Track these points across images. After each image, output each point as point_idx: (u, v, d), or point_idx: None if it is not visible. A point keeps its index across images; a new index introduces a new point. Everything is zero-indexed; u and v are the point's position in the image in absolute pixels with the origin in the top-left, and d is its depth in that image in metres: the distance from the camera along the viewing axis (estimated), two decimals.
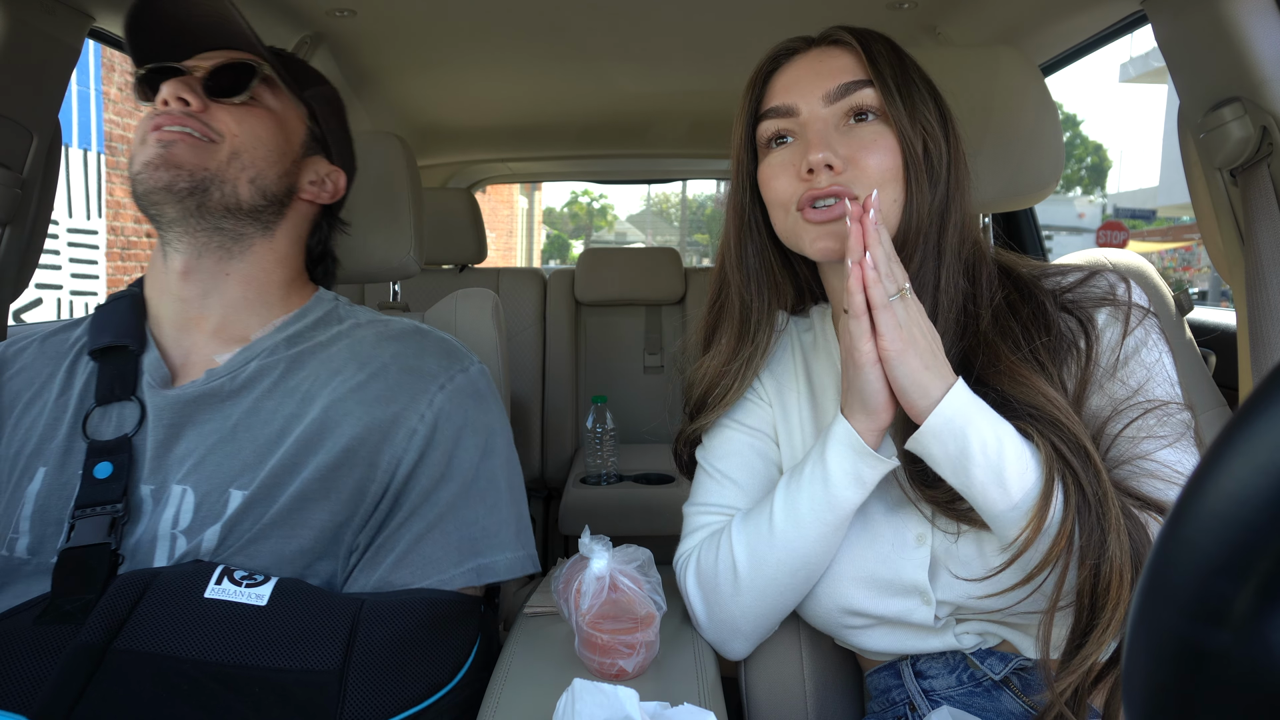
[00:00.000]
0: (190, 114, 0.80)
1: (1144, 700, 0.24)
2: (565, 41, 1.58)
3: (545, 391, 2.47)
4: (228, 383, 0.81)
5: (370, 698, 0.69)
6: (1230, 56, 0.89)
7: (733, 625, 0.82)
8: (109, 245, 5.23)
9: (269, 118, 0.86)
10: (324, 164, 0.93)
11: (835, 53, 0.80)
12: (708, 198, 34.93)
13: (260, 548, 0.75)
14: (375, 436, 0.79)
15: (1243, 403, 0.24)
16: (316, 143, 0.92)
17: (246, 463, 0.77)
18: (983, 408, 0.68)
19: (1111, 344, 0.76)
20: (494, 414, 0.87)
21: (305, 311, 0.89)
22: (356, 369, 0.83)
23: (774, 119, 0.80)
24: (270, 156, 0.85)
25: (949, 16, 1.40)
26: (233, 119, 0.82)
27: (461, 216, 2.35)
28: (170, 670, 0.65)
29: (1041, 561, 0.66)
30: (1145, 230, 20.68)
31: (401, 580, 0.78)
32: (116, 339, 0.83)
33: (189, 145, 0.79)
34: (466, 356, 0.88)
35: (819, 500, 0.74)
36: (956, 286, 0.76)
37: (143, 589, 0.69)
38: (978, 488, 0.67)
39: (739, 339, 0.87)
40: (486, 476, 0.84)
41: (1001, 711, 0.74)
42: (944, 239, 0.76)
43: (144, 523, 0.76)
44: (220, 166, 0.80)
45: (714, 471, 0.89)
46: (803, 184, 0.77)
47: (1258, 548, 0.22)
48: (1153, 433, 0.72)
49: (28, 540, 0.76)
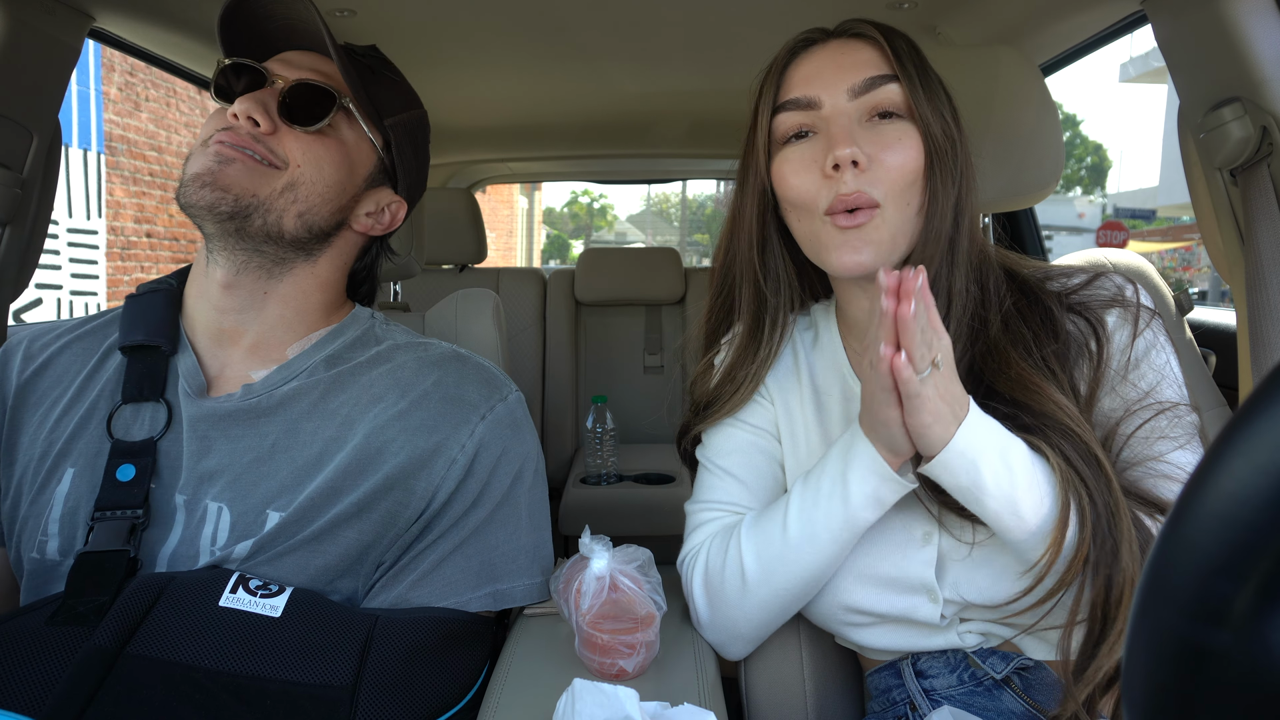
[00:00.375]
0: (257, 136, 0.77)
1: (1144, 700, 0.24)
2: (565, 41, 1.58)
3: (545, 391, 2.47)
4: (265, 400, 0.80)
5: (381, 715, 0.69)
6: (1230, 56, 0.89)
7: (734, 628, 0.82)
8: (109, 245, 5.23)
9: (338, 149, 0.82)
10: (387, 194, 0.89)
11: (858, 45, 0.77)
12: (708, 198, 34.92)
13: (287, 560, 0.75)
14: (416, 465, 0.78)
15: (1243, 403, 0.24)
16: (384, 174, 0.89)
17: (284, 484, 0.77)
18: (994, 438, 0.66)
19: (1122, 346, 0.75)
20: (529, 442, 0.87)
21: (342, 329, 0.87)
22: (399, 396, 0.81)
23: (794, 111, 0.77)
24: (328, 192, 0.82)
25: (949, 16, 1.40)
26: (300, 147, 0.79)
27: (461, 216, 2.35)
28: (181, 678, 0.65)
29: (1058, 583, 0.65)
30: (1145, 230, 20.68)
31: (419, 599, 0.78)
32: (149, 338, 0.82)
33: (244, 167, 0.76)
34: (506, 385, 0.87)
35: (836, 518, 0.74)
36: (968, 292, 0.75)
37: (158, 593, 0.69)
38: (992, 517, 0.67)
39: (752, 338, 0.86)
40: (511, 504, 0.84)
41: (1002, 711, 0.74)
42: (958, 242, 0.75)
43: (178, 533, 0.76)
44: (271, 195, 0.78)
45: (716, 469, 0.88)
46: (827, 181, 0.74)
47: (1258, 548, 0.22)
48: (1165, 434, 0.72)
49: (58, 542, 0.76)
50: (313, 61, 0.83)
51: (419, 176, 0.94)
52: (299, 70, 0.81)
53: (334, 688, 0.68)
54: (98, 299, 5.09)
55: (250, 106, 0.76)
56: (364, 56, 0.88)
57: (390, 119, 0.87)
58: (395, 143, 0.88)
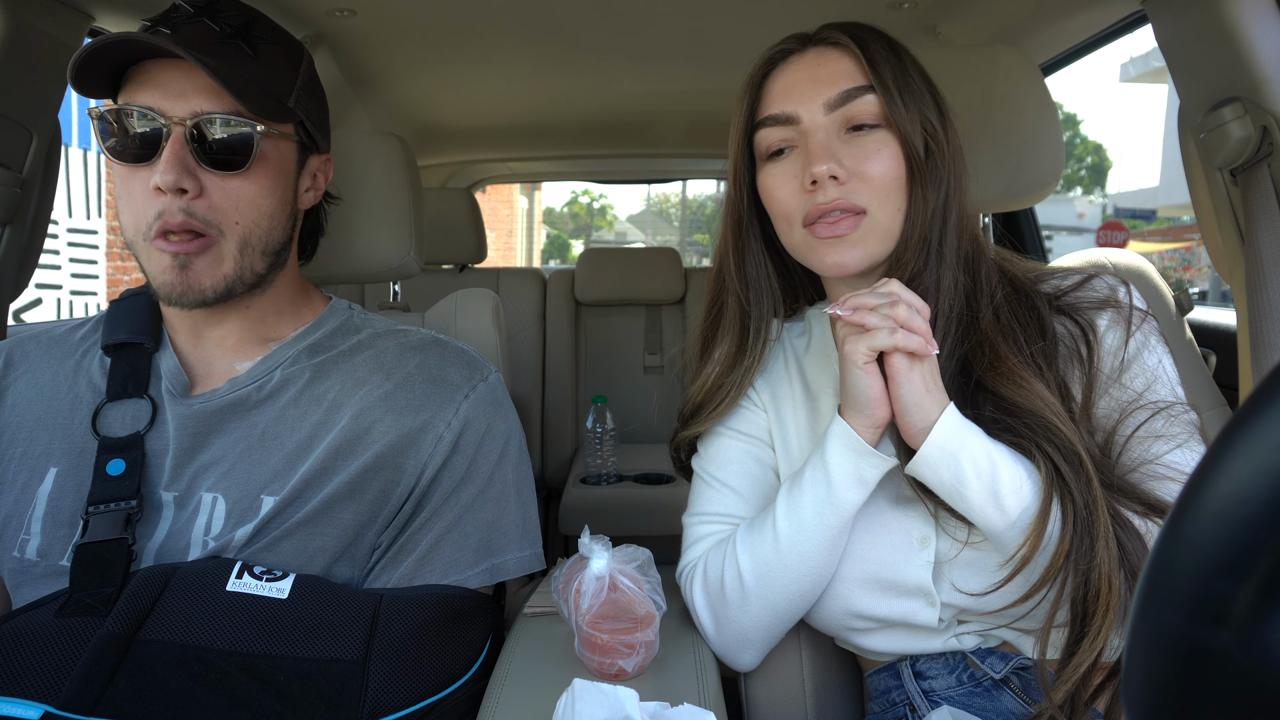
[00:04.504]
0: (192, 210, 0.74)
1: (1144, 700, 0.24)
2: (565, 41, 1.58)
3: (545, 391, 2.47)
4: (254, 392, 0.81)
5: (391, 687, 0.71)
6: (1230, 56, 0.89)
7: (743, 636, 0.82)
8: (109, 245, 5.22)
9: (265, 173, 0.79)
10: (314, 162, 0.87)
11: (833, 55, 0.78)
12: (708, 198, 34.92)
13: (285, 545, 0.76)
14: (404, 443, 0.80)
15: (1243, 403, 0.24)
16: (304, 148, 0.85)
17: (277, 470, 0.78)
18: (972, 430, 0.69)
19: (1113, 348, 0.76)
20: (510, 420, 0.89)
21: (322, 321, 0.89)
22: (383, 379, 0.83)
23: (773, 127, 0.78)
24: (274, 218, 0.81)
25: (949, 16, 1.40)
26: (231, 198, 0.76)
27: (461, 216, 2.35)
28: (196, 660, 0.66)
29: (1043, 576, 0.66)
30: (1145, 230, 20.67)
31: (422, 579, 0.80)
32: (131, 335, 0.83)
33: (205, 260, 0.75)
34: (485, 366, 0.89)
35: (822, 502, 0.74)
36: (957, 286, 0.76)
37: (165, 582, 0.70)
38: (976, 510, 0.68)
39: (738, 349, 0.87)
40: (500, 480, 0.85)
41: (1001, 711, 0.74)
42: (945, 240, 0.76)
43: (166, 527, 0.77)
44: (236, 263, 0.78)
45: (712, 480, 0.88)
46: (807, 196, 0.75)
47: (1258, 548, 0.22)
48: (1162, 434, 0.72)
49: (38, 542, 0.76)
50: (186, 74, 0.74)
51: (325, 116, 0.89)
52: (185, 97, 0.74)
53: (345, 661, 0.70)
54: (97, 299, 5.09)
55: (176, 177, 0.72)
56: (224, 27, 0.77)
57: (291, 96, 0.81)
58: (304, 112, 0.83)
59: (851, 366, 0.70)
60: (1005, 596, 0.69)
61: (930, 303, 0.74)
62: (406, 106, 2.07)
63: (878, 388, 0.70)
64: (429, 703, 0.73)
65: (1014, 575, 0.67)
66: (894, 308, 0.67)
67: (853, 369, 0.70)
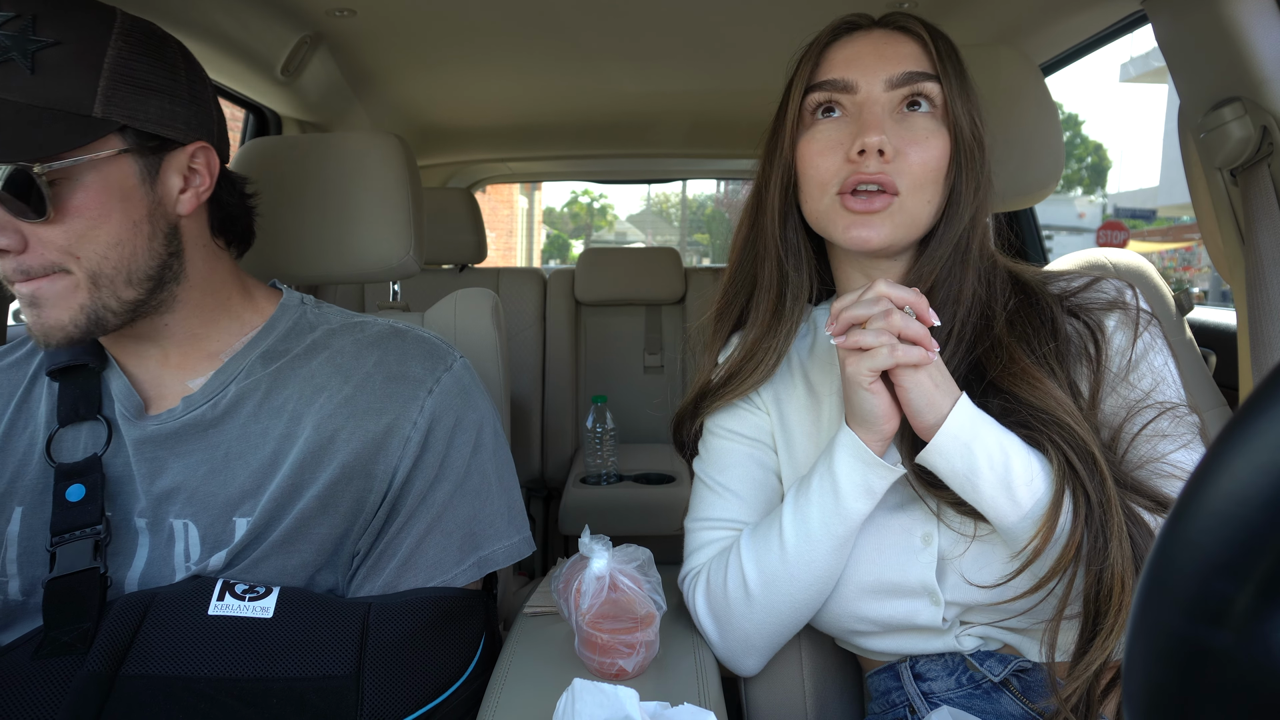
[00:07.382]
0: (24, 269, 0.67)
1: (1144, 700, 0.24)
2: (565, 41, 1.58)
3: (545, 391, 2.47)
4: (209, 410, 0.78)
5: (387, 698, 0.69)
6: (1230, 56, 0.89)
7: (747, 643, 0.81)
8: None
9: (91, 205, 0.67)
10: (178, 158, 0.74)
11: (902, 39, 0.78)
12: (708, 198, 34.92)
13: (264, 564, 0.74)
14: (371, 449, 0.77)
15: (1243, 403, 0.24)
16: (152, 150, 0.71)
17: (245, 490, 0.75)
18: (986, 420, 0.69)
19: (1121, 348, 0.76)
20: (482, 407, 0.85)
21: (274, 323, 0.84)
22: (341, 382, 0.80)
23: (828, 91, 0.77)
24: (126, 248, 0.70)
25: (949, 16, 1.40)
26: (57, 244, 0.67)
27: (461, 216, 2.35)
28: (184, 690, 0.64)
29: (1052, 569, 0.66)
30: (1145, 230, 20.68)
31: (408, 584, 0.78)
32: (74, 358, 0.79)
33: (53, 293, 0.69)
34: (449, 353, 0.85)
35: (829, 513, 0.74)
36: (975, 294, 0.76)
37: (143, 612, 0.67)
38: (987, 501, 0.68)
39: (774, 314, 0.85)
40: (478, 471, 0.83)
41: (1001, 713, 0.74)
42: (970, 246, 0.76)
43: (144, 555, 0.74)
44: (92, 294, 0.70)
45: (714, 484, 0.88)
46: (849, 165, 0.74)
47: (1258, 548, 0.22)
48: (1168, 434, 0.72)
49: (19, 583, 0.74)
50: None
51: (187, 91, 0.74)
52: None
53: (337, 678, 0.68)
54: None
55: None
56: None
57: (95, 102, 0.66)
58: (126, 113, 0.68)
59: (856, 389, 0.70)
60: (1013, 590, 0.69)
61: (948, 313, 0.74)
62: (406, 106, 2.07)
63: (885, 404, 0.70)
64: (428, 709, 0.72)
65: (1024, 568, 0.67)
66: (888, 318, 0.67)
67: (858, 390, 0.70)
